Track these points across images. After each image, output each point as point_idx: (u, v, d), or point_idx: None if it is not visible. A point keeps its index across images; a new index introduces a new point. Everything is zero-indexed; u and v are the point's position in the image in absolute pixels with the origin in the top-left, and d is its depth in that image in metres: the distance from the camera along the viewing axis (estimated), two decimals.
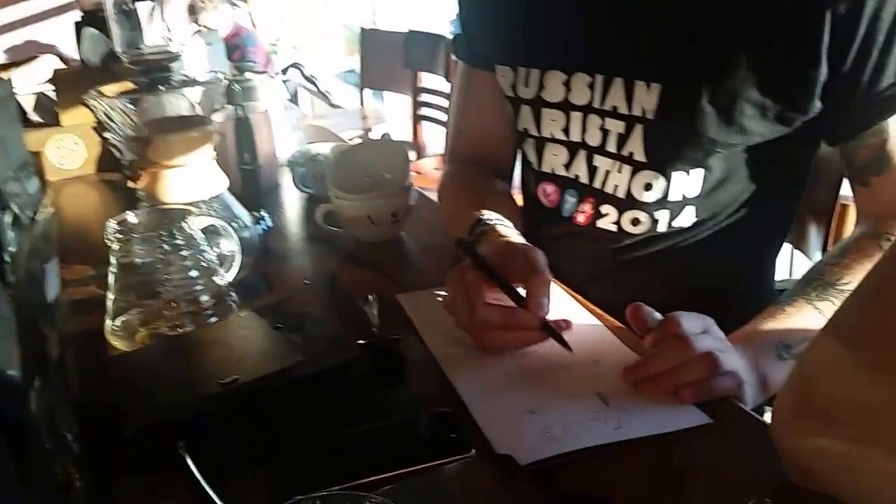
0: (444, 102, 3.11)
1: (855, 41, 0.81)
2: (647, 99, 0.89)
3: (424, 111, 3.28)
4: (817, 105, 0.85)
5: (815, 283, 0.83)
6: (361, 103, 3.75)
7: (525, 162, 1.07)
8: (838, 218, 1.24)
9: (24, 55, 2.69)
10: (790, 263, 1.88)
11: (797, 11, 0.82)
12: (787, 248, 1.15)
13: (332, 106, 4.43)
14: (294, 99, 4.64)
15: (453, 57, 1.13)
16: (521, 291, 0.78)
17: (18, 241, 0.82)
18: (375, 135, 3.67)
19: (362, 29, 3.71)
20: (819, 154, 0.98)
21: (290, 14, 5.87)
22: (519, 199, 1.15)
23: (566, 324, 0.81)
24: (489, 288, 0.77)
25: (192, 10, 4.50)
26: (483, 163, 1.10)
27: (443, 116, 3.12)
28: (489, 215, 0.92)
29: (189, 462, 0.54)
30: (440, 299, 0.85)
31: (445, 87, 3.09)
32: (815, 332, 0.77)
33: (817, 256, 1.28)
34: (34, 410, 0.47)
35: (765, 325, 0.79)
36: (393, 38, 3.38)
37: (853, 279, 0.81)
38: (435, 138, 3.29)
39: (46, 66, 2.01)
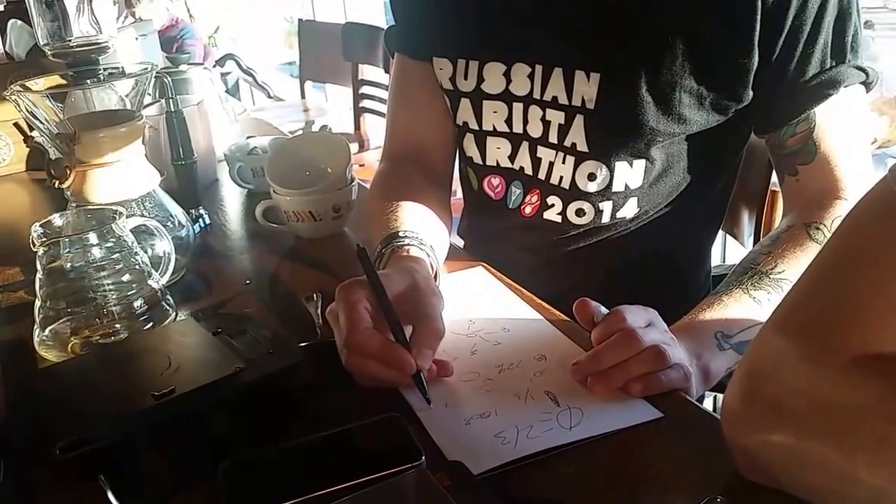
0: (386, 95, 3.06)
1: (783, 31, 0.82)
2: (586, 89, 0.87)
3: (366, 103, 3.22)
4: (750, 93, 0.86)
5: (749, 272, 0.82)
6: (302, 96, 3.67)
7: (465, 157, 1.03)
8: (769, 204, 1.25)
9: None
10: (723, 249, 1.90)
11: (731, 1, 0.81)
12: (720, 234, 1.15)
13: (272, 98, 4.33)
14: (234, 91, 4.53)
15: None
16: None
17: None
18: (316, 127, 3.59)
19: (300, 20, 3.62)
20: (750, 142, 0.98)
21: (229, 6, 5.74)
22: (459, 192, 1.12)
23: (449, 370, 0.72)
24: (375, 310, 0.70)
25: (128, 3, 4.36)
26: (418, 160, 1.03)
27: (384, 108, 3.07)
28: (408, 230, 0.85)
29: (111, 497, 0.49)
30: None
31: (386, 79, 3.03)
32: (753, 321, 0.78)
33: (750, 242, 1.29)
34: None
35: (703, 316, 0.78)
36: (331, 30, 3.30)
37: (786, 268, 0.81)
38: (377, 130, 3.23)
39: None
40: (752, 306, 0.79)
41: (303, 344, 0.76)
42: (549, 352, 0.75)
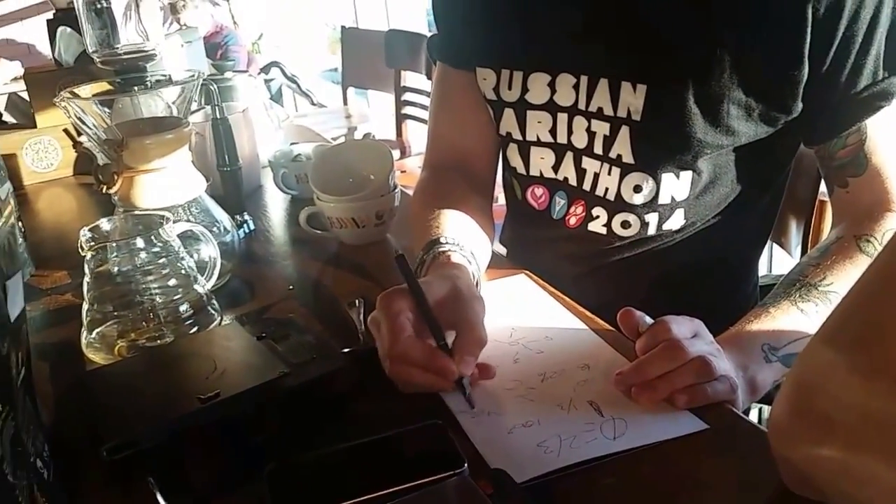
0: (428, 101, 3.08)
1: (835, 41, 0.81)
2: (632, 100, 0.87)
3: (408, 110, 3.25)
4: (799, 105, 0.85)
5: (797, 284, 0.82)
6: (345, 102, 3.71)
7: (509, 167, 1.03)
8: (818, 214, 1.23)
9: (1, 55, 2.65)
10: (770, 259, 1.87)
11: (780, 12, 0.81)
12: (767, 243, 1.14)
13: (315, 105, 4.39)
14: (277, 98, 4.60)
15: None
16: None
17: None
18: (359, 133, 3.63)
19: (343, 28, 3.67)
20: (799, 151, 0.97)
21: (272, 13, 5.83)
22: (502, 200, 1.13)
23: (491, 373, 0.73)
24: (416, 318, 0.71)
25: (174, 9, 4.46)
26: (461, 168, 1.04)
27: (426, 115, 3.10)
28: (449, 238, 0.85)
29: (159, 498, 0.51)
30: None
31: (428, 85, 3.05)
32: (801, 334, 0.78)
33: (797, 252, 1.27)
34: (5, 444, 0.43)
35: (750, 327, 0.78)
36: (374, 37, 3.34)
37: (835, 280, 0.81)
38: (419, 137, 3.26)
39: (6, 69, 1.97)
40: (799, 318, 0.79)
41: (345, 350, 0.77)
42: (592, 361, 0.75)
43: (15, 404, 0.48)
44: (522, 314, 0.85)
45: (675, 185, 0.90)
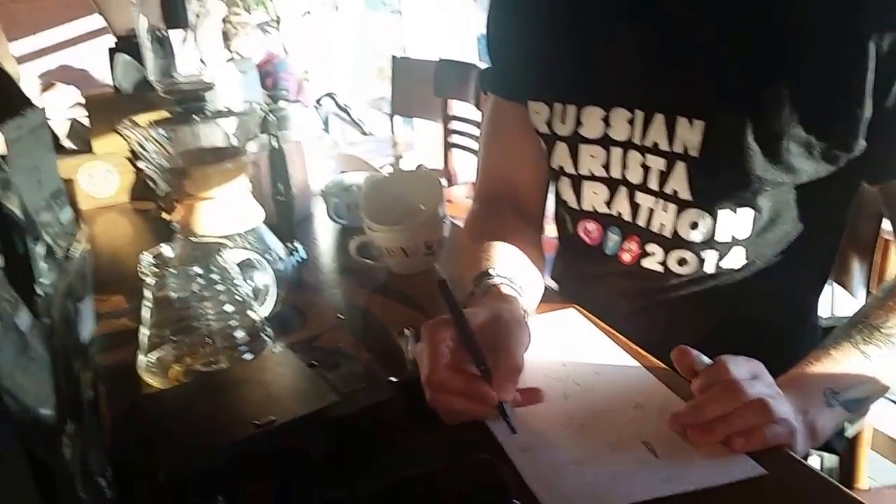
0: (475, 130, 3.11)
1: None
2: (690, 136, 0.87)
3: (455, 139, 3.28)
4: (862, 143, 0.84)
5: (859, 325, 0.81)
6: (392, 131, 3.76)
7: (560, 200, 1.05)
8: (882, 253, 1.21)
9: (58, 79, 2.74)
10: (832, 299, 1.84)
11: (842, 48, 0.80)
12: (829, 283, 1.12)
13: (365, 134, 4.46)
14: (325, 126, 4.69)
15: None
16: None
17: (52, 275, 0.81)
18: (406, 162, 3.68)
19: (394, 57, 3.73)
20: (861, 188, 0.96)
21: (322, 41, 5.95)
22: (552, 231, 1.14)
23: (538, 397, 0.74)
24: (457, 346, 0.73)
25: (225, 37, 4.58)
26: (511, 200, 1.06)
27: (473, 144, 3.12)
28: (499, 271, 0.87)
29: None
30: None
31: (476, 115, 3.08)
32: (863, 377, 0.77)
33: (860, 292, 1.25)
34: (67, 457, 0.45)
35: (811, 370, 0.77)
36: (423, 66, 3.39)
37: None
38: (465, 166, 3.28)
39: (66, 94, 2.04)
40: (861, 361, 0.78)
41: (393, 379, 0.78)
42: (645, 399, 0.75)
43: (84, 424, 0.50)
44: (572, 349, 0.86)
45: (734, 223, 0.90)
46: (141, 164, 1.43)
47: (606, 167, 0.95)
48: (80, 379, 0.50)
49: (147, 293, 0.85)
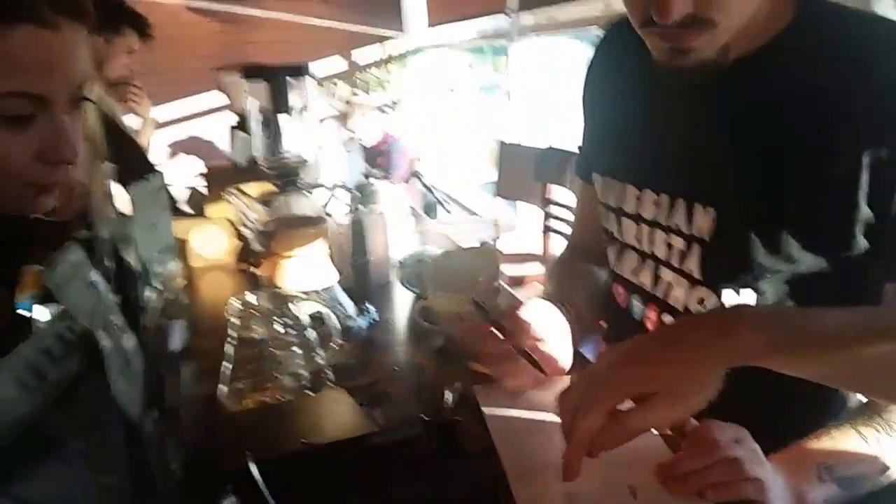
0: (571, 216, 3.27)
1: None
2: (703, 221, 1.00)
3: (553, 223, 3.44)
4: (862, 243, 0.92)
5: (863, 409, 0.90)
6: (494, 212, 3.98)
7: (609, 260, 1.21)
8: None
9: (186, 149, 3.13)
10: None
11: (836, 156, 0.90)
12: None
13: (448, 211, 4.71)
14: (432, 205, 4.97)
15: None
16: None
17: (155, 311, 1.02)
18: (504, 243, 3.87)
19: (501, 143, 3.97)
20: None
21: (438, 124, 6.31)
22: None
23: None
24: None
25: (344, 117, 4.96)
26: (587, 251, 1.29)
27: (569, 229, 3.28)
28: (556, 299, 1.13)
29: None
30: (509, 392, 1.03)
31: (572, 200, 3.25)
32: (858, 456, 0.85)
33: None
34: (149, 430, 0.64)
35: (809, 446, 0.87)
36: (527, 153, 3.60)
37: None
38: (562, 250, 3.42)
39: (190, 164, 2.34)
40: (858, 442, 0.86)
41: (424, 417, 0.94)
42: (643, 450, 0.87)
43: (165, 413, 0.69)
44: None
45: (738, 302, 1.00)
46: (242, 228, 1.68)
47: (639, 240, 1.11)
48: (165, 378, 0.69)
49: (232, 333, 1.05)
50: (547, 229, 3.48)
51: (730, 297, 1.00)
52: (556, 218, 3.41)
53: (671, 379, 0.75)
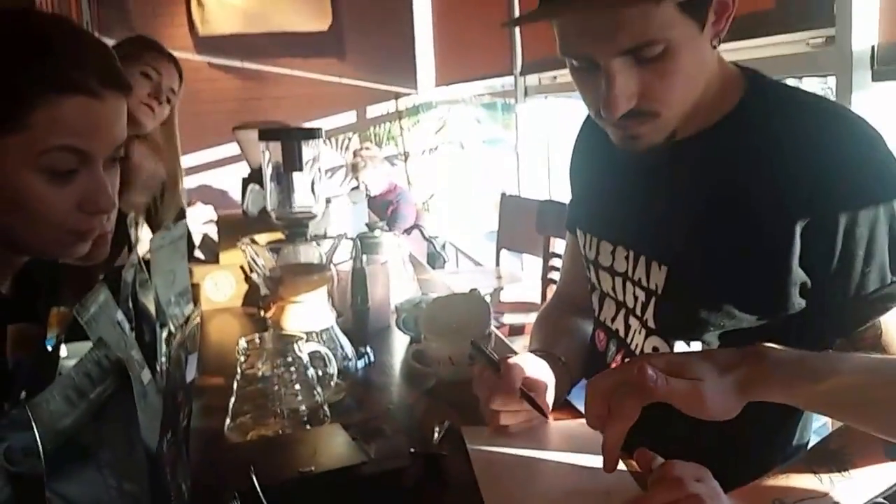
0: None
1: (833, 256, 0.98)
2: (658, 277, 1.11)
3: (554, 275, 3.53)
4: (798, 303, 1.01)
5: (819, 448, 0.99)
6: (497, 263, 4.08)
7: (592, 308, 1.31)
8: None
9: (199, 197, 3.27)
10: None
11: (768, 225, 1.00)
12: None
13: (445, 261, 4.82)
14: (436, 256, 5.08)
15: None
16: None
17: (170, 351, 1.12)
18: (506, 293, 3.97)
19: (503, 194, 4.10)
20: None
21: (444, 175, 6.46)
22: None
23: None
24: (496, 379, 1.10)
25: (354, 168, 5.11)
26: (572, 302, 1.39)
27: None
28: (543, 348, 1.24)
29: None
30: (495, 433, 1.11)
31: None
32: (812, 492, 0.94)
33: None
34: (164, 451, 0.72)
35: (765, 483, 0.95)
36: (529, 205, 3.72)
37: (854, 449, 0.95)
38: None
39: (203, 212, 2.46)
40: (812, 480, 0.94)
41: (413, 451, 1.02)
42: (614, 489, 0.95)
43: (178, 438, 0.78)
44: (563, 438, 1.09)
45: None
46: (252, 274, 1.78)
47: (614, 291, 1.21)
48: (181, 406, 0.78)
49: (238, 370, 1.14)
50: (548, 280, 3.58)
51: (680, 348, 1.10)
52: (557, 269, 3.51)
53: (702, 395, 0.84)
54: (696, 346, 1.10)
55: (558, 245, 3.56)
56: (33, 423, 0.51)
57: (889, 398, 0.86)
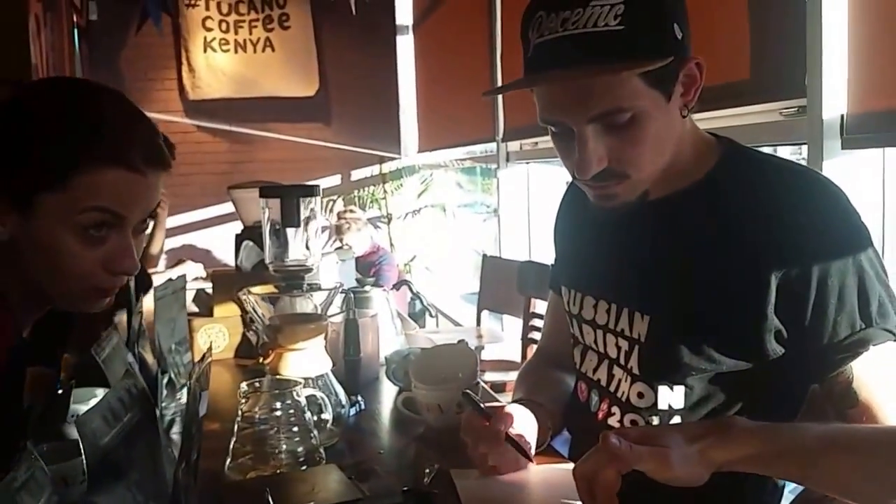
0: None
1: (807, 305, 1.04)
2: (640, 327, 1.18)
3: (535, 335, 3.59)
4: (774, 350, 1.08)
5: (801, 496, 1.04)
6: (478, 323, 4.14)
7: (574, 362, 1.36)
8: None
9: (184, 256, 3.33)
10: None
11: (744, 277, 1.08)
12: None
13: (432, 317, 4.86)
14: (420, 313, 5.13)
15: None
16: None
17: (169, 397, 1.17)
18: (487, 353, 4.02)
19: (484, 255, 4.18)
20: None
21: (426, 238, 6.56)
22: None
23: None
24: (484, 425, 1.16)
25: (339, 230, 5.19)
26: (555, 356, 1.45)
27: None
28: (528, 397, 1.29)
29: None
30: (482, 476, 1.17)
31: None
32: None
33: None
34: (180, 478, 0.78)
35: None
36: (509, 265, 3.80)
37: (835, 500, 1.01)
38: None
39: (192, 269, 2.53)
40: None
41: (405, 489, 1.07)
42: None
43: (189, 468, 0.83)
44: (546, 480, 1.15)
45: (670, 396, 1.16)
46: (252, 324, 1.83)
47: (597, 343, 1.27)
48: (194, 439, 0.83)
49: (239, 412, 1.19)
50: (528, 340, 3.63)
51: (664, 392, 1.16)
52: (538, 329, 3.57)
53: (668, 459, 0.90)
54: (680, 389, 1.16)
55: (539, 305, 3.63)
56: (80, 439, 0.57)
57: (849, 467, 0.94)
